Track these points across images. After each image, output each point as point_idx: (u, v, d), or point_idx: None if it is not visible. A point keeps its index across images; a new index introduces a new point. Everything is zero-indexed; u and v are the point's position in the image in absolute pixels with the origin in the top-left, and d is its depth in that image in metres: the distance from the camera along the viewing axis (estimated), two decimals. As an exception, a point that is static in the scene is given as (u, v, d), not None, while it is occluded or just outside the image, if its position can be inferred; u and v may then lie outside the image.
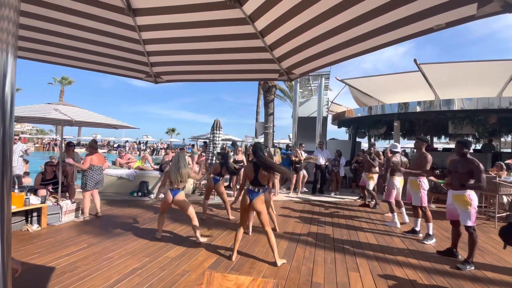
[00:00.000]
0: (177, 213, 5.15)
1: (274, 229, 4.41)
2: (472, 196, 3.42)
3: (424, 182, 4.44)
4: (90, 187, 4.95)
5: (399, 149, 5.47)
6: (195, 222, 3.96)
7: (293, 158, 7.83)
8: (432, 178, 6.52)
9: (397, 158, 5.23)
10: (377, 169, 6.43)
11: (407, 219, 5.32)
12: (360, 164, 7.33)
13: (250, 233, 4.36)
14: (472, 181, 3.44)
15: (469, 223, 3.38)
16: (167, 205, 4.02)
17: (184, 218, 5.04)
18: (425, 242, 4.22)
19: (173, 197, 3.93)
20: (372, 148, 6.98)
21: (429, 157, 4.34)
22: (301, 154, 7.98)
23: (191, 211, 3.97)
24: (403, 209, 5.37)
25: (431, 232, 4.29)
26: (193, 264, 3.25)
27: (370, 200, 6.83)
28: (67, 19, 1.73)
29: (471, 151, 4.05)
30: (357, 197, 7.58)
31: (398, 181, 5.27)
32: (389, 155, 5.43)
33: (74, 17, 1.72)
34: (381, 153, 6.90)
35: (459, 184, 3.50)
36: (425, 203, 4.41)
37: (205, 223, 4.88)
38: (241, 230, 3.46)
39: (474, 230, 3.38)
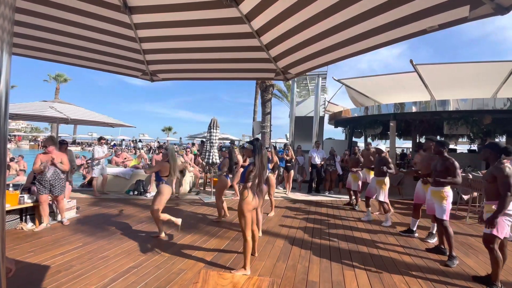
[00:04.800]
0: (172, 213, 5.14)
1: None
2: (448, 193, 3.69)
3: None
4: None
5: (382, 148, 5.54)
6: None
7: (285, 157, 7.89)
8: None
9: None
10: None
11: (365, 218, 5.51)
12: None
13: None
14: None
15: (444, 217, 3.62)
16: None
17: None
18: (429, 241, 4.29)
19: None
20: (356, 148, 7.00)
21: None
22: (293, 153, 8.11)
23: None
24: (369, 209, 5.59)
25: (434, 232, 4.34)
26: (189, 262, 3.25)
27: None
28: (62, 15, 1.72)
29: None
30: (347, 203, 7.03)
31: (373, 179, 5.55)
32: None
33: (69, 14, 1.71)
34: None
35: (437, 181, 3.72)
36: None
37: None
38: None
39: (448, 225, 3.58)
